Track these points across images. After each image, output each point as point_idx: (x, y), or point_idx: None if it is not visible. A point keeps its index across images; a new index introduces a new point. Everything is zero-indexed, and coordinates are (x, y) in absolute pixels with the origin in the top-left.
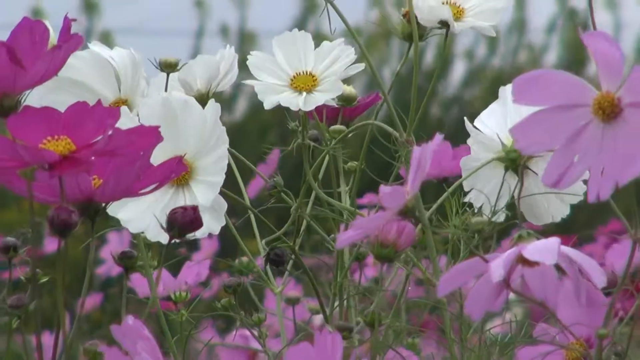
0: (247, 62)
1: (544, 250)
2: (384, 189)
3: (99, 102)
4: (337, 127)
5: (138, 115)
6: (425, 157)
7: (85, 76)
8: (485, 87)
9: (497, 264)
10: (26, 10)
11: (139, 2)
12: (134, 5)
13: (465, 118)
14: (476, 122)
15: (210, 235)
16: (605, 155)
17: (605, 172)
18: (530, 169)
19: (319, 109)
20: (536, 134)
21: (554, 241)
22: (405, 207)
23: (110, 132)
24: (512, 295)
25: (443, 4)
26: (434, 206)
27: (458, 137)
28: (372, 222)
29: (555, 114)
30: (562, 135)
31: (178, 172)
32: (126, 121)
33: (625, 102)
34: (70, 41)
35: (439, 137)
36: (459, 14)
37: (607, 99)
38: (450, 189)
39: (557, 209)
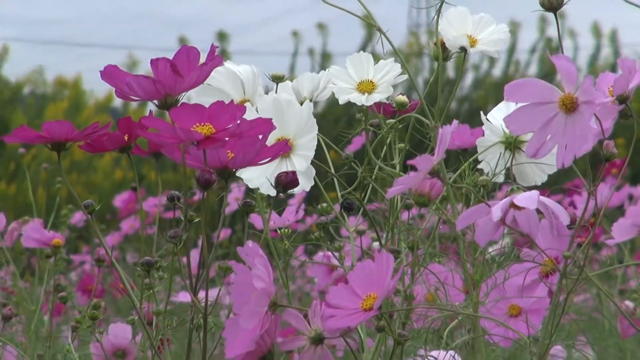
0: (328, 73)
1: (528, 198)
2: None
3: (231, 101)
4: (390, 120)
5: (257, 109)
6: (446, 135)
7: (221, 84)
8: (487, 90)
9: (497, 208)
10: (175, 38)
11: (253, 32)
12: (250, 35)
13: (481, 112)
14: (489, 115)
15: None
16: (567, 136)
17: (567, 148)
18: (521, 149)
19: (376, 105)
20: (521, 121)
21: (534, 193)
22: (433, 169)
23: (238, 122)
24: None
25: (463, 36)
26: (458, 172)
27: (470, 122)
28: (409, 179)
29: (533, 108)
30: (538, 122)
31: (284, 150)
32: (250, 114)
33: (580, 101)
34: (214, 60)
35: (455, 122)
36: (472, 43)
37: (568, 98)
38: (468, 162)
39: (539, 176)
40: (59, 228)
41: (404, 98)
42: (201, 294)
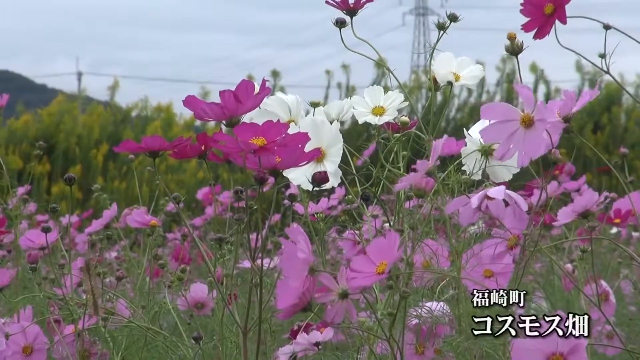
0: (350, 101)
1: (498, 191)
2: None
3: (278, 120)
4: (396, 135)
5: (300, 127)
6: (438, 145)
7: (273, 108)
8: (466, 113)
9: (475, 198)
10: (241, 73)
11: (298, 71)
12: (296, 73)
13: (464, 129)
14: (470, 131)
15: (334, 189)
16: (525, 145)
17: (525, 153)
18: (493, 155)
19: (386, 124)
20: (492, 134)
21: (502, 187)
22: (428, 170)
23: (283, 135)
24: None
25: (449, 73)
26: (445, 172)
27: (455, 136)
28: (412, 177)
29: (501, 124)
30: (505, 134)
31: (317, 155)
32: (292, 129)
33: (535, 119)
34: (265, 90)
35: (445, 137)
36: (457, 78)
37: (527, 116)
38: (453, 165)
39: (506, 175)
40: (158, 214)
41: (406, 119)
42: (259, 261)
